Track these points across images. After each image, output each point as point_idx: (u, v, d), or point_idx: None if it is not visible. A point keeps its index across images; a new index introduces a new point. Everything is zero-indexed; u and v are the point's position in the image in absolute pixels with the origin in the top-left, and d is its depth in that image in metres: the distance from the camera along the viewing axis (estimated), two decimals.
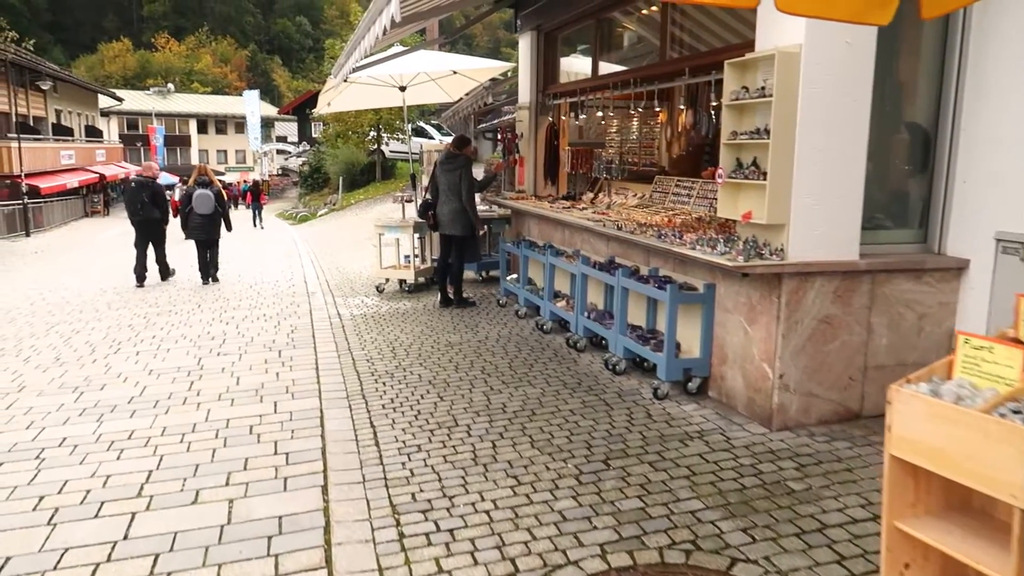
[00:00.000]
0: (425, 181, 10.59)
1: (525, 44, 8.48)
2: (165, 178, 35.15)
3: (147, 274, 11.12)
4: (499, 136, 9.53)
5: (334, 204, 29.11)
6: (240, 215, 31.35)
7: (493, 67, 9.93)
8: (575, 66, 8.47)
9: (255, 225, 25.71)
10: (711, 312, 4.81)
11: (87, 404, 5.30)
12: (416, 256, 9.52)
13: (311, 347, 6.84)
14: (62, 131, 34.75)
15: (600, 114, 7.07)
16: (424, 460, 4.09)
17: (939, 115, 4.53)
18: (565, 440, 4.30)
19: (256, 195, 27.96)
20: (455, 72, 10.27)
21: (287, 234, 22.40)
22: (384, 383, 5.57)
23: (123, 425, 4.83)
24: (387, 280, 9.74)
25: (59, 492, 3.83)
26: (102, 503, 3.69)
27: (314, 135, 44.85)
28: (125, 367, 6.30)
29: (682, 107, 5.76)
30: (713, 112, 5.57)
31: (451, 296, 8.36)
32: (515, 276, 8.24)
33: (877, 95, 4.20)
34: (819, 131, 4.10)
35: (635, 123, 6.95)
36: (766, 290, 4.27)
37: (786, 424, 4.29)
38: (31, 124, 30.11)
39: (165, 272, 11.48)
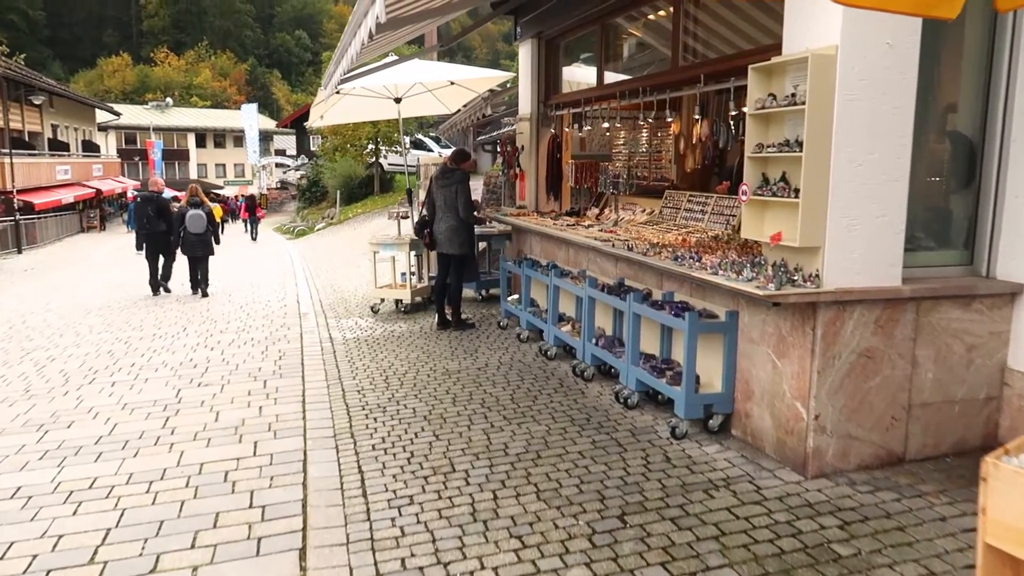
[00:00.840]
0: (422, 196, 10.18)
1: (525, 52, 8.08)
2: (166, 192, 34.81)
3: (157, 285, 11.77)
4: (499, 149, 9.09)
5: (332, 218, 28.71)
6: (237, 228, 31.04)
7: (492, 77, 9.52)
8: (577, 75, 8.06)
9: (252, 239, 26.54)
10: (734, 343, 4.35)
11: (50, 445, 4.84)
12: (412, 275, 9.08)
13: (299, 376, 6.38)
14: (58, 146, 34.43)
15: (606, 125, 6.65)
16: (416, 515, 3.62)
17: (986, 124, 4.10)
18: (575, 490, 3.84)
19: (252, 209, 28.24)
20: (452, 83, 9.86)
21: (283, 249, 21.97)
22: (375, 419, 5.11)
23: (86, 471, 4.37)
24: (382, 300, 9.29)
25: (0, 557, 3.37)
26: (47, 573, 3.23)
27: (312, 148, 44.55)
28: (98, 400, 5.84)
29: (696, 117, 5.34)
30: (732, 122, 5.14)
31: (449, 318, 7.91)
32: (516, 297, 7.80)
33: (919, 102, 3.77)
34: (857, 142, 3.66)
35: (644, 135, 6.53)
36: (798, 320, 3.82)
37: (822, 470, 3.83)
38: (26, 140, 29.78)
39: (158, 286, 11.78)
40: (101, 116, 44.69)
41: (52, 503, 3.95)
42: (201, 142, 59.65)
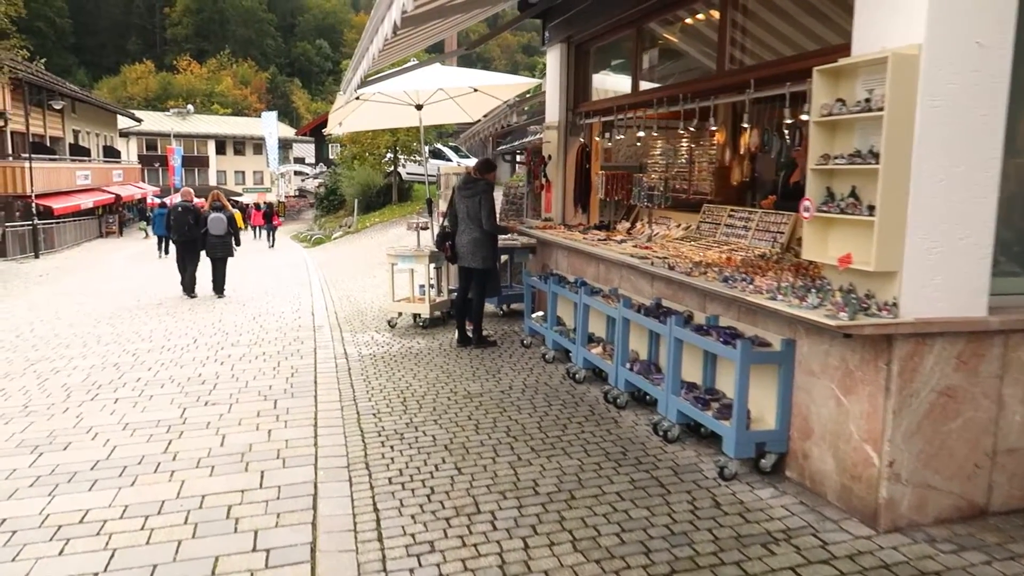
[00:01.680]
0: (443, 207, 9.83)
1: (553, 58, 7.71)
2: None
3: (196, 285, 12.56)
4: (524, 159, 8.71)
5: (349, 227, 28.50)
6: (249, 234, 30.90)
7: (517, 84, 9.16)
8: (607, 83, 7.69)
9: (269, 246, 26.84)
10: (790, 374, 3.93)
11: (43, 470, 4.50)
12: (431, 288, 8.72)
13: (311, 395, 6.02)
14: (79, 151, 34.56)
15: (641, 134, 6.26)
16: (438, 566, 3.23)
17: None
18: (615, 539, 3.42)
19: (269, 217, 28.62)
20: (475, 89, 9.52)
21: (300, 257, 21.74)
22: (392, 447, 4.73)
23: (78, 502, 4.02)
24: (400, 314, 8.93)
25: None
26: None
27: (331, 157, 44.54)
28: (98, 419, 5.50)
29: (744, 126, 4.94)
30: (787, 131, 4.73)
31: (469, 334, 7.53)
32: (541, 314, 7.40)
33: (1011, 110, 3.35)
34: (941, 155, 3.24)
35: (684, 145, 6.12)
36: (870, 353, 3.39)
37: (896, 524, 3.39)
38: (48, 145, 29.87)
39: (192, 287, 12.51)
40: (123, 122, 44.95)
41: (37, 539, 3.59)
42: (221, 149, 59.92)
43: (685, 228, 6.29)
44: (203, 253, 12.26)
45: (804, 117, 4.22)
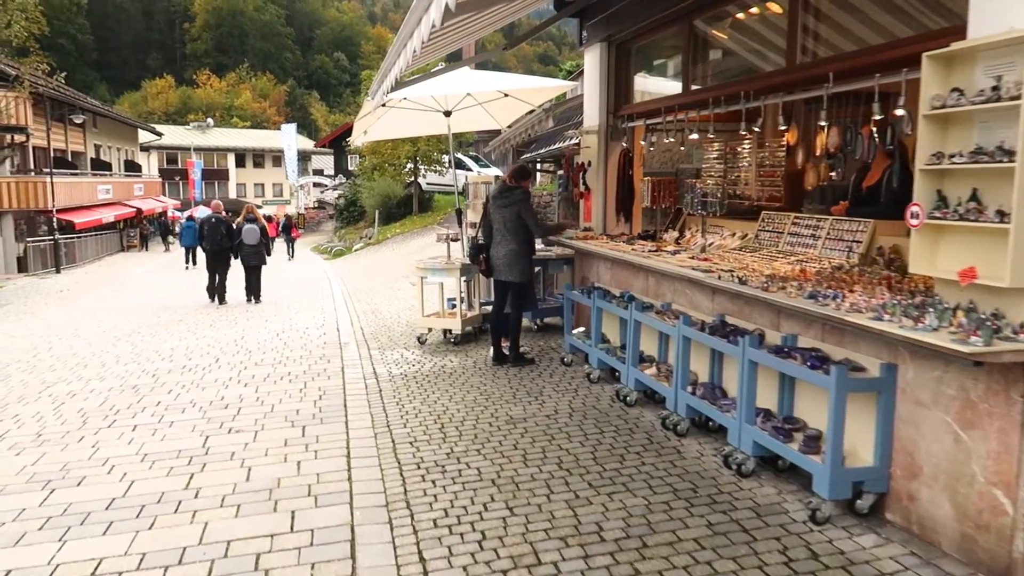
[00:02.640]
0: (471, 217, 9.42)
1: (593, 58, 7.28)
2: (202, 211, 34.99)
3: (224, 293, 13.33)
4: (562, 165, 8.28)
5: (370, 238, 28.24)
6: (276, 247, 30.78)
7: (551, 87, 8.72)
8: (650, 86, 7.26)
9: (289, 257, 26.94)
10: (890, 404, 3.45)
11: (54, 509, 4.12)
12: (462, 302, 8.30)
13: (342, 421, 5.60)
14: (101, 166, 34.67)
15: (695, 136, 5.80)
16: None
17: None
18: None
19: (288, 229, 28.78)
20: (506, 95, 9.11)
21: (321, 270, 21.46)
22: (434, 482, 4.29)
23: (90, 548, 3.61)
24: (430, 330, 8.51)
25: None
26: None
27: (350, 168, 44.47)
28: (115, 449, 5.12)
29: (822, 124, 4.48)
30: (875, 129, 4.25)
31: (505, 351, 7.10)
32: (582, 330, 6.95)
33: None
34: None
35: (745, 147, 5.66)
36: (999, 382, 2.91)
37: None
38: (69, 159, 29.94)
39: (223, 295, 13.27)
40: (144, 136, 45.20)
41: None
42: (240, 162, 60.17)
43: (742, 237, 5.82)
44: (236, 262, 13.23)
45: (899, 112, 3.75)
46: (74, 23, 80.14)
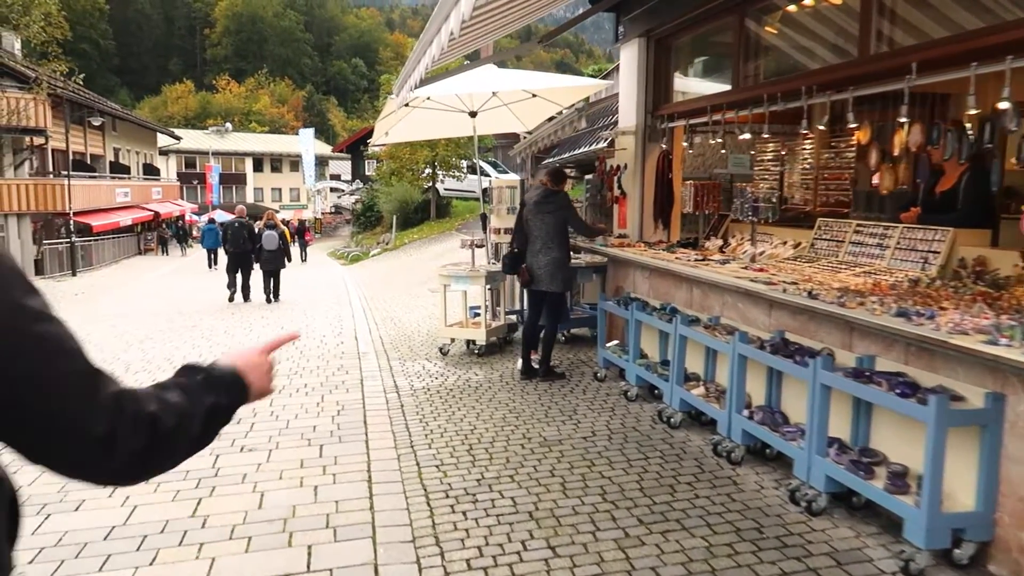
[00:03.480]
0: (497, 223, 9.02)
1: (630, 55, 6.87)
2: (220, 214, 35.03)
3: (239, 293, 14.13)
4: (597, 168, 7.86)
5: (387, 243, 27.95)
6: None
7: (583, 87, 8.30)
8: (691, 82, 6.84)
9: (302, 260, 27.33)
10: (996, 440, 2.99)
11: (48, 539, 3.74)
12: (487, 311, 7.90)
13: (362, 439, 5.20)
14: (120, 169, 34.65)
15: (746, 136, 5.36)
16: None
17: None
18: None
19: (301, 233, 29.39)
20: (533, 95, 8.70)
21: (338, 275, 21.15)
22: (464, 514, 3.88)
23: None
24: (452, 340, 8.11)
25: None
26: None
27: (367, 173, 44.33)
28: None
29: (902, 120, 4.02)
30: (969, 127, 3.80)
31: (534, 365, 6.68)
32: (615, 343, 6.53)
33: None
34: None
35: (806, 147, 5.21)
36: None
37: None
38: (88, 162, 29.91)
39: (248, 294, 14.13)
40: (163, 140, 45.29)
41: None
42: (258, 166, 60.27)
43: (795, 246, 5.37)
44: (256, 266, 13.98)
45: (1003, 106, 3.30)
46: (96, 28, 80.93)
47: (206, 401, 1.19)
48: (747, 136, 5.32)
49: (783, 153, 5.44)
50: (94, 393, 1.03)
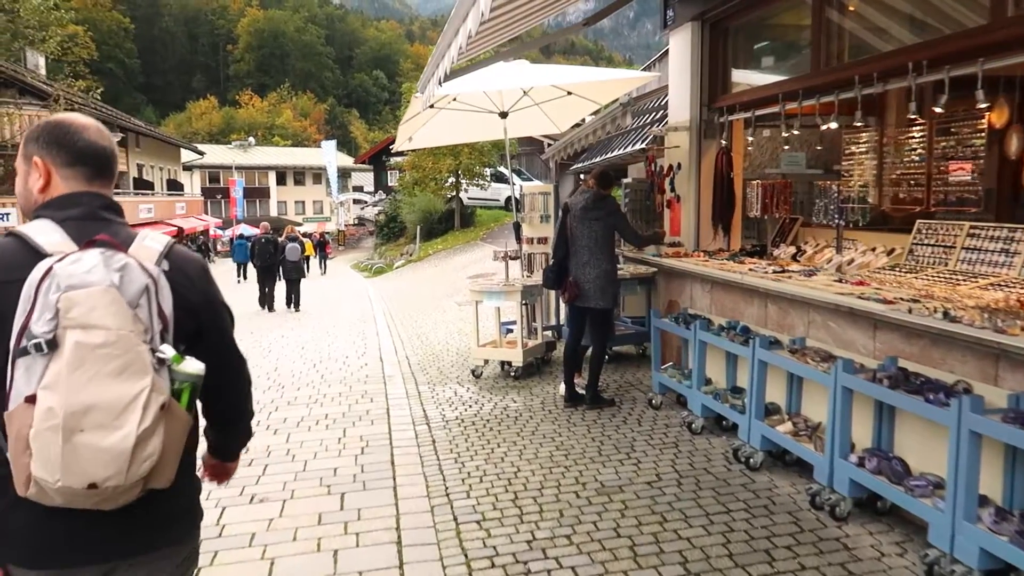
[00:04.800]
0: (529, 231, 8.33)
1: (682, 42, 6.13)
2: (245, 228, 34.89)
3: (272, 302, 15.10)
4: (646, 169, 7.12)
5: (411, 255, 27.38)
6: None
7: (624, 80, 7.56)
8: (753, 79, 6.09)
9: (321, 272, 28.13)
10: None
11: None
12: (523, 329, 7.18)
13: (389, 486, 4.51)
14: (143, 185, 34.55)
15: (833, 126, 4.58)
16: None
17: None
18: None
19: (322, 245, 29.99)
20: (569, 93, 7.98)
21: (361, 288, 20.59)
22: None
23: None
24: (485, 362, 7.40)
25: None
26: None
27: (390, 184, 43.95)
28: None
29: None
30: None
31: (579, 390, 5.96)
32: (671, 365, 5.78)
33: None
34: None
35: (914, 135, 4.43)
36: None
37: None
38: None
39: (272, 304, 15.07)
40: (186, 156, 45.33)
41: None
42: (281, 180, 60.26)
43: (888, 253, 4.59)
44: (281, 275, 15.16)
45: None
46: (122, 48, 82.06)
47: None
48: (834, 125, 4.56)
49: (884, 144, 4.64)
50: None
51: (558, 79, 7.71)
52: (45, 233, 1.51)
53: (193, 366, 1.52)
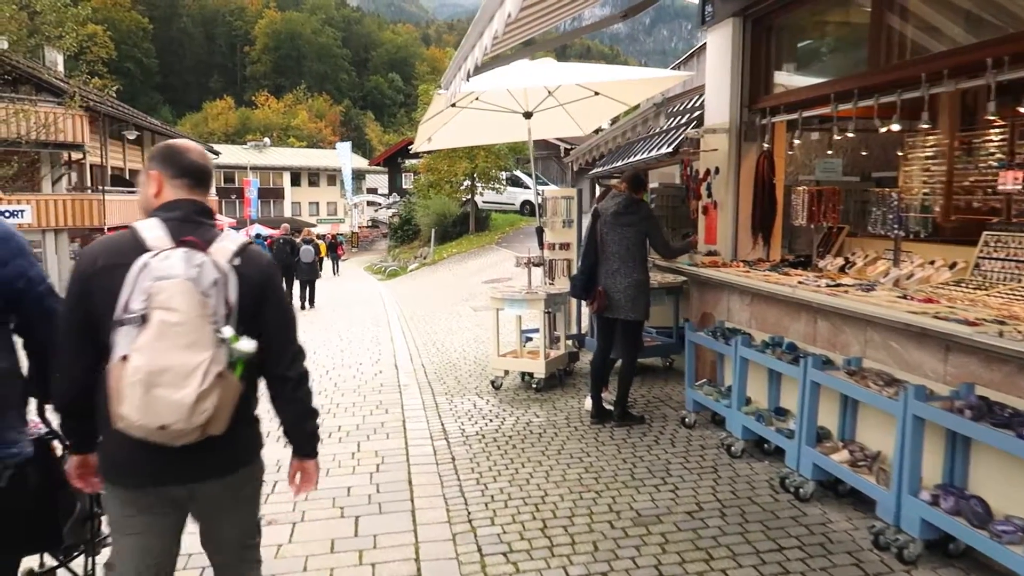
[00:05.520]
0: (551, 237, 8.01)
1: (722, 39, 5.79)
2: (259, 229, 34.77)
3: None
4: (681, 173, 6.79)
5: (425, 258, 27.11)
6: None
7: (656, 80, 7.22)
8: (795, 81, 5.75)
9: (334, 273, 28.63)
10: None
11: None
12: (546, 338, 6.85)
13: (407, 509, 4.19)
14: None
15: (896, 127, 4.23)
16: None
17: None
18: None
19: (334, 247, 30.29)
20: (596, 93, 7.65)
21: (374, 291, 20.33)
22: None
23: None
24: (506, 372, 7.07)
25: None
26: None
27: (404, 186, 43.73)
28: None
29: None
30: None
31: (607, 406, 5.62)
32: (705, 382, 5.43)
33: None
34: None
35: (991, 139, 4.08)
36: None
37: None
38: (127, 177, 29.73)
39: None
40: None
41: None
42: (296, 181, 60.26)
43: (951, 267, 4.23)
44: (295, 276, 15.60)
45: None
46: (140, 47, 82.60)
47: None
48: (896, 128, 4.21)
49: (956, 148, 4.29)
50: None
51: (585, 78, 7.39)
52: (151, 229, 1.97)
53: (247, 345, 1.92)
